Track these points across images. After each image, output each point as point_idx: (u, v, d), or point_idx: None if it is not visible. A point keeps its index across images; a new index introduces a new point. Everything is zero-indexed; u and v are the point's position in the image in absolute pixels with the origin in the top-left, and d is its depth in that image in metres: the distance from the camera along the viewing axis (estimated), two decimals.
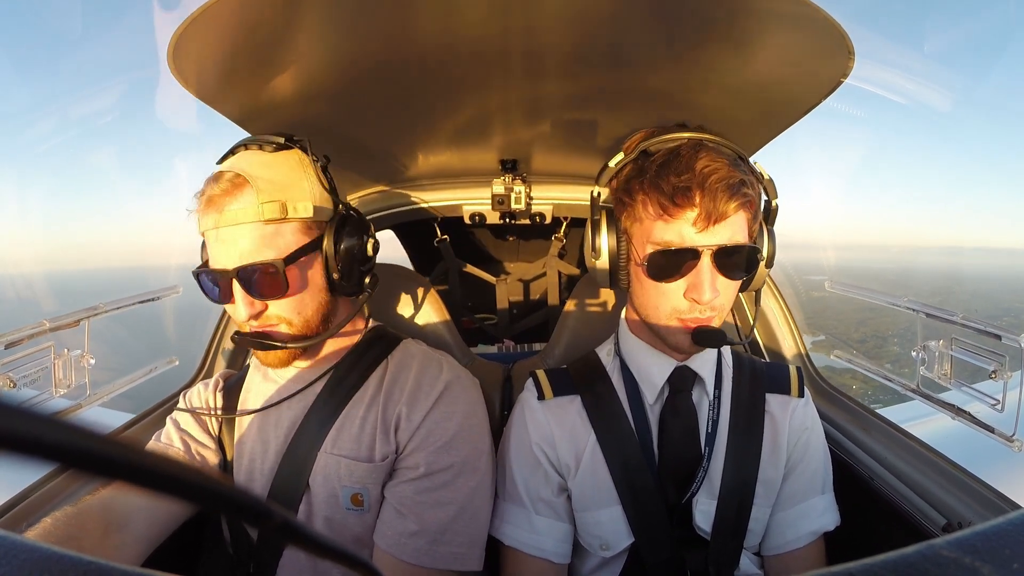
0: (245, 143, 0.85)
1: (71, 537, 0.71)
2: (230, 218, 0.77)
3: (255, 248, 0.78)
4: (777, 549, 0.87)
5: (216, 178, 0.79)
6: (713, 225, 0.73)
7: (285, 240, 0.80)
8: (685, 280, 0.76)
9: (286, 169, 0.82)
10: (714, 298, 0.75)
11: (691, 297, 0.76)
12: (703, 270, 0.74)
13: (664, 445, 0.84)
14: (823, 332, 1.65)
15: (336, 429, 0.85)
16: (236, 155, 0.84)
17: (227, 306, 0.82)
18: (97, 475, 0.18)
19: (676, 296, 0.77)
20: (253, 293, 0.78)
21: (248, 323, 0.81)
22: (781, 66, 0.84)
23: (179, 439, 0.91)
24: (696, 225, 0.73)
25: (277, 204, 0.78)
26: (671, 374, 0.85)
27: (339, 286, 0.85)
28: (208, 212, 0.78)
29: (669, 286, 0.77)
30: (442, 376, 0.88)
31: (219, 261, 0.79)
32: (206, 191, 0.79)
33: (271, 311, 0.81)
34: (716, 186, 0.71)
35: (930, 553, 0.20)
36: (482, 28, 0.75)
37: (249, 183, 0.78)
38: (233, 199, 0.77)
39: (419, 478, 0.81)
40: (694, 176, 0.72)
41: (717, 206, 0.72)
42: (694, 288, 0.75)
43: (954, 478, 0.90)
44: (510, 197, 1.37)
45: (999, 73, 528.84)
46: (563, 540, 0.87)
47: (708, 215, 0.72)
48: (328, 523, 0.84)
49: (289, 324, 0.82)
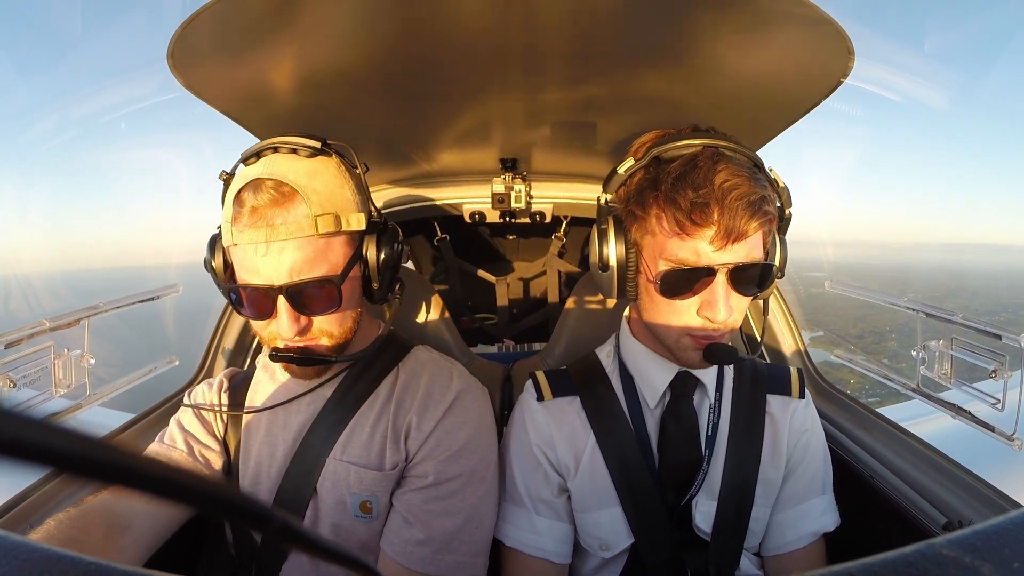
0: (275, 146, 0.78)
1: (73, 539, 0.71)
2: (283, 232, 0.71)
3: (307, 263, 0.73)
4: (777, 550, 0.87)
5: (256, 187, 0.72)
6: (732, 244, 0.69)
7: (335, 253, 0.77)
8: (698, 298, 0.73)
9: (329, 178, 0.77)
10: (728, 316, 0.73)
11: (704, 315, 0.74)
12: (717, 288, 0.72)
13: (664, 448, 0.84)
14: (822, 328, 1.65)
15: (346, 435, 0.84)
16: (267, 159, 0.77)
17: (260, 323, 0.77)
18: (95, 481, 0.18)
19: (688, 313, 0.75)
20: (301, 309, 0.75)
21: (291, 340, 0.77)
22: (781, 66, 0.84)
23: (182, 440, 0.90)
24: (714, 244, 0.70)
25: (331, 217, 0.74)
26: (673, 379, 0.85)
27: (376, 295, 0.84)
28: (256, 225, 0.71)
29: (682, 303, 0.74)
30: (453, 385, 0.88)
31: (263, 276, 0.73)
32: (246, 201, 0.72)
33: (315, 326, 0.78)
34: (736, 204, 0.67)
35: (930, 552, 0.20)
36: (482, 27, 0.75)
37: (299, 194, 0.72)
38: (284, 211, 0.72)
39: (428, 487, 0.80)
40: (713, 191, 0.68)
41: (737, 225, 0.68)
42: (708, 306, 0.73)
43: (954, 477, 0.90)
44: (510, 196, 1.37)
45: (999, 71, 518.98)
46: (563, 540, 0.87)
47: (727, 233, 0.68)
48: (335, 529, 0.83)
49: (330, 336, 0.79)
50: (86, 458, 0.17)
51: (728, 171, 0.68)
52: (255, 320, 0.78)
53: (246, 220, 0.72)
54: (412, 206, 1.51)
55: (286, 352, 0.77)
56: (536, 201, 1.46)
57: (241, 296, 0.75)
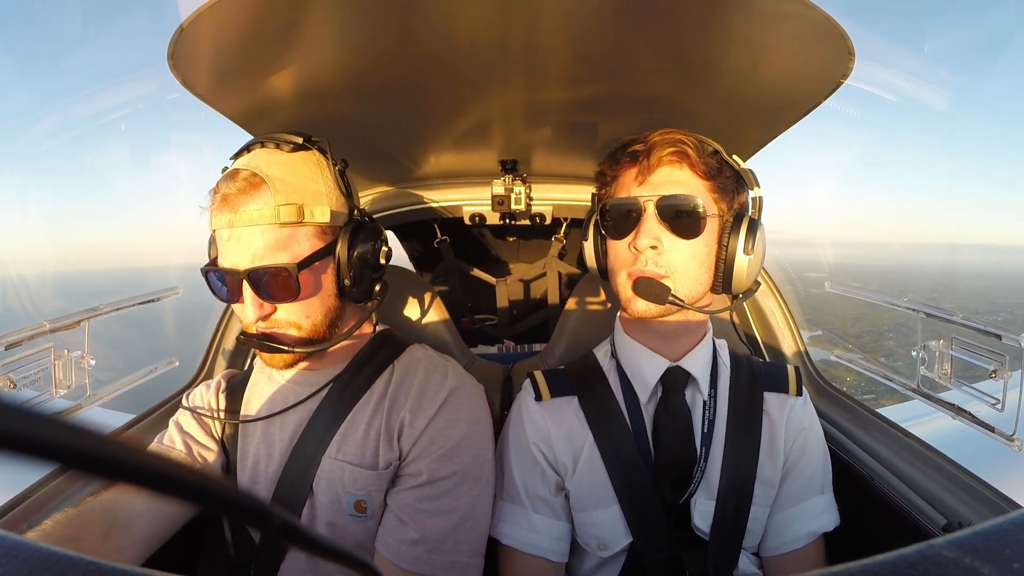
0: (261, 140, 0.83)
1: (72, 538, 0.71)
2: (245, 218, 0.76)
3: (268, 250, 0.76)
4: (776, 550, 0.87)
5: (231, 176, 0.77)
6: (649, 177, 0.79)
7: (299, 244, 0.79)
8: (628, 235, 0.80)
9: (304, 171, 0.80)
10: (655, 248, 0.78)
11: (632, 246, 0.79)
12: (648, 220, 0.79)
13: (659, 445, 0.84)
14: (820, 328, 1.65)
15: (341, 434, 0.84)
16: (251, 153, 0.82)
17: (235, 306, 0.82)
18: (99, 476, 0.18)
19: (622, 251, 0.82)
20: (263, 295, 0.77)
21: (256, 324, 0.80)
22: (781, 67, 0.84)
23: (181, 441, 0.90)
24: (637, 179, 0.80)
25: (294, 207, 0.76)
26: (663, 374, 0.85)
27: (349, 292, 0.84)
28: (222, 210, 0.77)
29: (620, 243, 0.82)
30: (447, 382, 0.87)
31: (230, 260, 0.77)
32: (220, 188, 0.77)
33: (280, 314, 0.80)
34: (660, 143, 0.78)
35: (930, 553, 0.20)
36: (482, 29, 0.75)
37: (266, 183, 0.76)
38: (249, 199, 0.76)
39: (421, 485, 0.80)
40: (640, 143, 0.81)
41: (658, 157, 0.78)
42: (635, 236, 0.79)
43: (954, 478, 0.89)
44: (510, 198, 1.37)
45: (998, 73, 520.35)
46: (561, 539, 0.87)
47: (643, 168, 0.79)
48: (331, 528, 0.83)
49: (297, 328, 0.81)
50: (90, 453, 0.17)
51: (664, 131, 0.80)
52: (224, 302, 0.83)
53: (217, 206, 0.78)
54: (412, 208, 1.51)
55: (251, 337, 0.81)
56: (536, 203, 1.46)
57: (215, 278, 0.80)
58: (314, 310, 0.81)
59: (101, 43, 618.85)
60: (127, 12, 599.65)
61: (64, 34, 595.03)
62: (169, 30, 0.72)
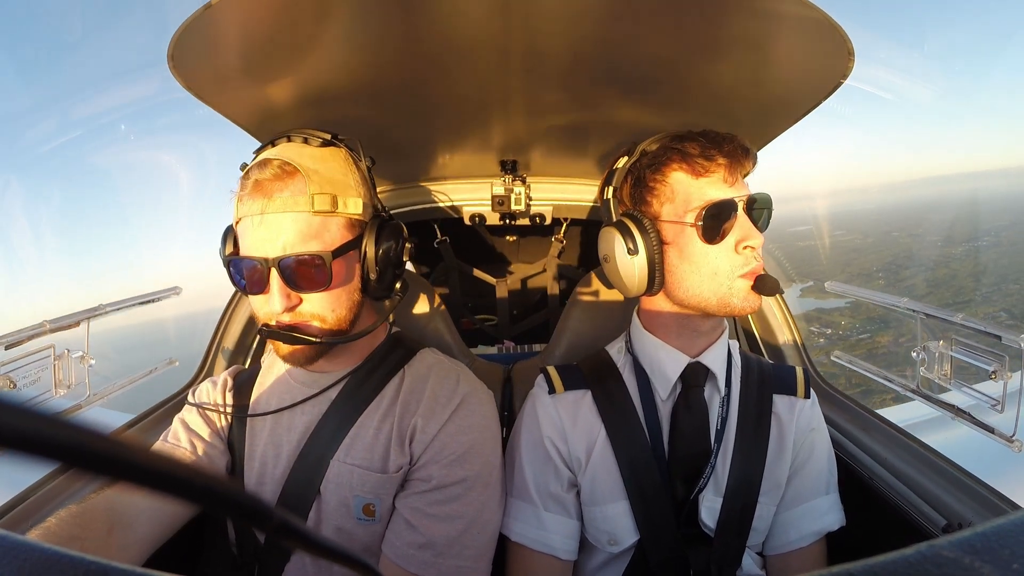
0: (288, 135, 0.83)
1: (74, 537, 0.70)
2: (279, 205, 0.75)
3: (301, 239, 0.75)
4: (780, 548, 0.88)
5: (264, 164, 0.76)
6: (740, 179, 0.81)
7: (331, 234, 0.78)
8: (731, 236, 0.79)
9: (334, 164, 0.81)
10: (761, 244, 0.80)
11: (745, 246, 0.79)
12: (743, 220, 0.79)
13: (675, 440, 0.85)
14: (811, 278, 1.65)
15: (351, 437, 0.84)
16: (279, 146, 0.82)
17: (256, 298, 0.79)
18: (102, 475, 0.18)
19: (728, 255, 0.79)
20: (292, 285, 0.76)
21: (280, 316, 0.77)
22: (781, 67, 0.84)
23: (187, 439, 0.90)
24: (727, 180, 0.79)
25: (328, 196, 0.76)
26: (684, 369, 0.86)
27: (373, 288, 0.84)
28: (255, 196, 0.75)
29: (719, 247, 0.79)
30: (459, 389, 0.87)
31: (259, 249, 0.75)
32: (252, 175, 0.76)
33: (305, 307, 0.78)
34: (733, 144, 0.79)
35: (930, 553, 0.20)
36: (483, 29, 0.75)
37: (300, 172, 0.76)
38: (284, 185, 0.75)
39: (430, 490, 0.80)
40: (712, 138, 0.80)
41: (740, 161, 0.79)
42: (746, 236, 0.78)
43: (954, 479, 0.90)
44: (510, 198, 1.37)
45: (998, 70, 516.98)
46: (571, 537, 0.87)
47: (733, 170, 0.79)
48: (338, 532, 0.83)
49: (322, 321, 0.79)
50: (92, 452, 0.17)
51: (705, 130, 0.82)
52: (251, 295, 0.80)
53: (248, 191, 0.76)
54: (412, 208, 1.51)
55: (276, 329, 0.78)
56: (536, 203, 1.46)
57: (239, 268, 0.78)
58: (340, 303, 0.81)
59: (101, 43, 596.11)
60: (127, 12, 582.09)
61: (63, 34, 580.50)
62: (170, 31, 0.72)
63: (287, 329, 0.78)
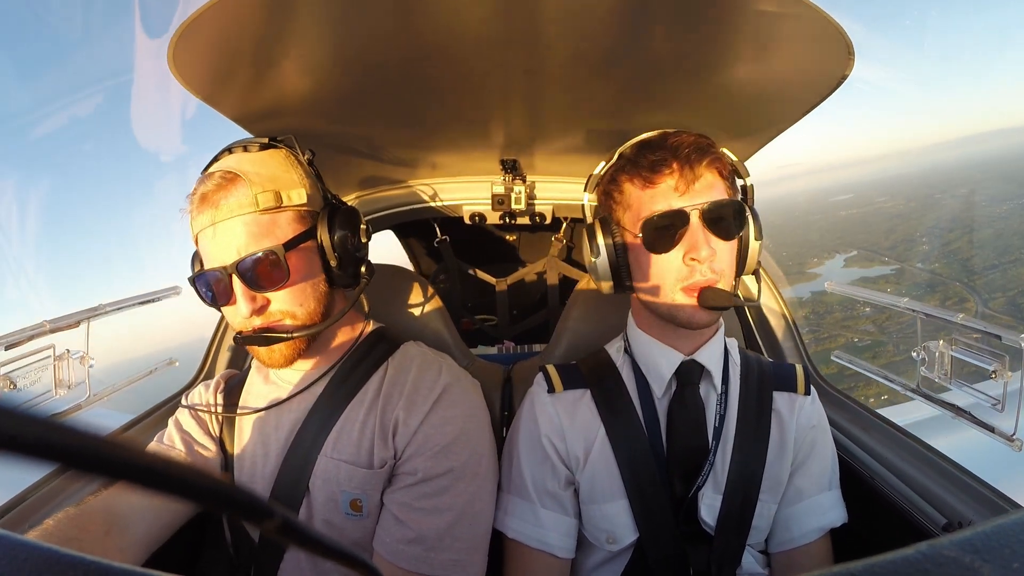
0: (229, 148, 0.86)
1: (72, 539, 0.71)
2: (226, 211, 0.77)
3: (253, 239, 0.77)
4: (784, 545, 0.88)
5: (207, 178, 0.79)
6: (692, 186, 0.79)
7: (282, 229, 0.80)
8: (680, 246, 0.79)
9: (274, 164, 0.83)
10: (711, 256, 0.78)
11: (690, 259, 0.78)
12: (695, 230, 0.78)
13: (672, 437, 0.85)
14: (855, 248, 1.64)
15: (336, 432, 0.85)
16: (220, 160, 0.84)
17: (227, 309, 0.81)
18: (98, 475, 0.18)
19: (676, 263, 0.80)
20: (254, 287, 0.78)
21: (250, 321, 0.79)
22: (781, 66, 0.84)
23: (180, 440, 0.91)
24: (678, 189, 0.79)
25: (271, 193, 0.78)
26: (678, 367, 0.86)
27: (337, 276, 0.85)
28: (203, 209, 0.78)
29: (667, 256, 0.80)
30: (440, 379, 0.87)
31: (217, 258, 0.78)
32: (198, 190, 0.79)
33: (273, 306, 0.80)
34: (687, 151, 0.78)
35: (931, 552, 0.20)
36: (483, 28, 0.75)
37: (241, 177, 0.78)
38: (228, 193, 0.78)
39: (416, 484, 0.80)
40: (666, 147, 0.80)
41: (692, 168, 0.78)
42: (692, 248, 0.78)
43: (955, 478, 0.90)
44: (510, 197, 1.37)
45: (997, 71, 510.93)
46: (568, 535, 0.87)
47: (685, 178, 0.78)
48: (327, 527, 0.83)
49: (293, 317, 0.80)
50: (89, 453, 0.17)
51: (675, 136, 0.81)
52: (222, 306, 0.82)
53: (196, 206, 0.79)
54: (412, 207, 1.51)
55: (249, 335, 0.80)
56: (536, 202, 1.46)
57: (205, 282, 0.80)
58: (307, 296, 0.82)
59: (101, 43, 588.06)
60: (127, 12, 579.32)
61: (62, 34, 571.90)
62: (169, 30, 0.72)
63: (260, 330, 0.80)
